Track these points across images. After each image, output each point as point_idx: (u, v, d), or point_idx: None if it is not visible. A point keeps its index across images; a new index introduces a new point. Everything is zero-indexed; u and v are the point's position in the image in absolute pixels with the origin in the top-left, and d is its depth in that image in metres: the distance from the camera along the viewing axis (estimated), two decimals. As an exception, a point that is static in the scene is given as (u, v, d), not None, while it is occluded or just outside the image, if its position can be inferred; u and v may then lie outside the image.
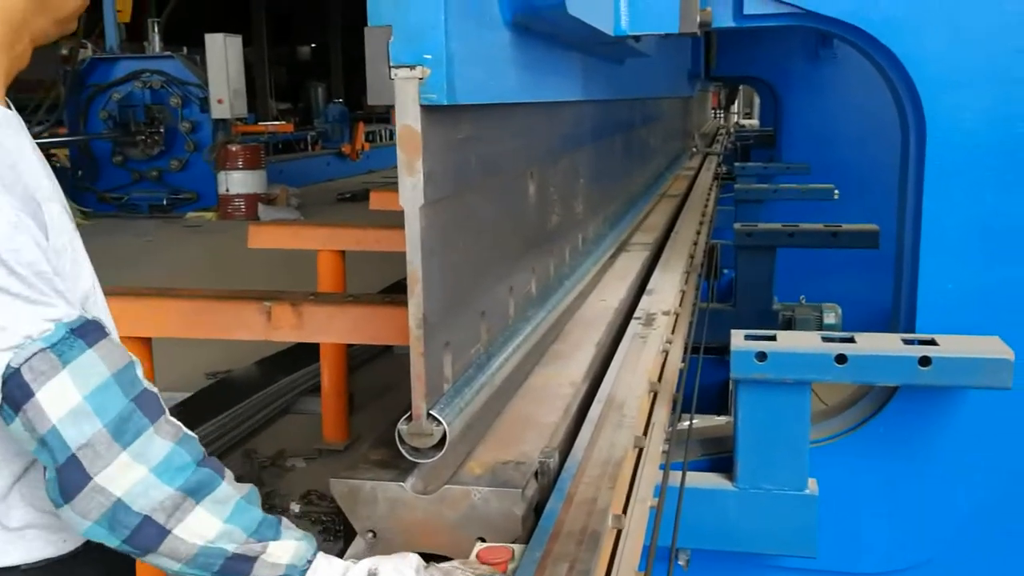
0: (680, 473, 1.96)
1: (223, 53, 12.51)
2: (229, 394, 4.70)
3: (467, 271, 1.44)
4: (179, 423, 1.15)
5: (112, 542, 1.08)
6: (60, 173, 13.63)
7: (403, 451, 1.25)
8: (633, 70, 3.08)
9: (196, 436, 1.15)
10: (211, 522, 1.09)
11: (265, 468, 4.19)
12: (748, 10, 2.07)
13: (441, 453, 1.24)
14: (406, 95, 1.17)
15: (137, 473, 1.07)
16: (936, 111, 1.96)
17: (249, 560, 1.10)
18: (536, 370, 1.79)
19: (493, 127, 1.52)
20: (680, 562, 2.19)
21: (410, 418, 1.25)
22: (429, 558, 1.19)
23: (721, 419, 2.50)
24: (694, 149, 7.79)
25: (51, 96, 13.25)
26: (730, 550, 2.09)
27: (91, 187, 13.78)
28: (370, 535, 1.29)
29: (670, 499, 1.84)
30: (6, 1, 1.19)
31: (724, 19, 2.10)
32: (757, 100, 14.34)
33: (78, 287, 1.23)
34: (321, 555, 1.15)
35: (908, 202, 2.10)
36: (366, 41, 1.18)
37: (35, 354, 1.05)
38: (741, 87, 15.67)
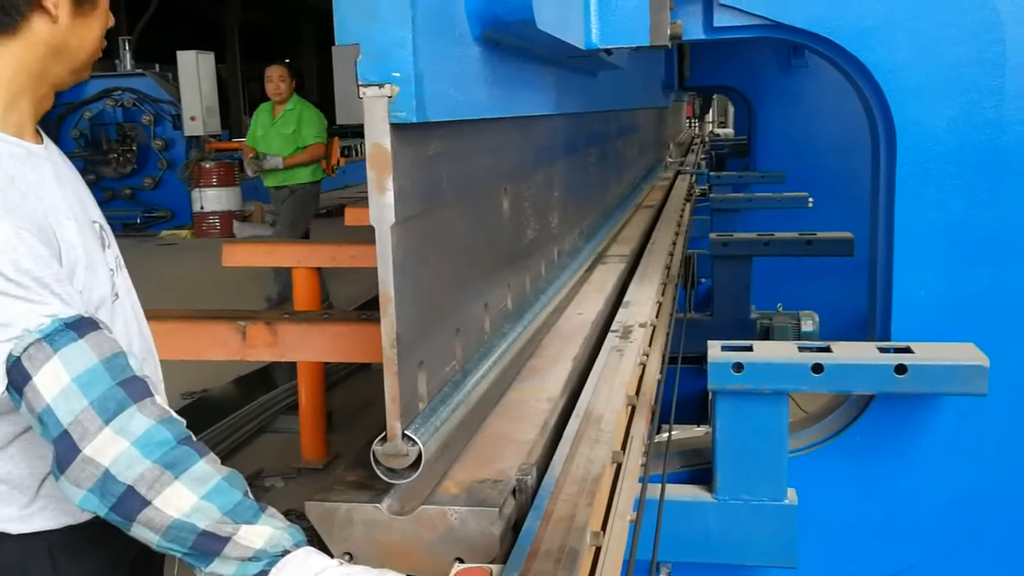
0: (660, 486, 1.96)
1: (195, 70, 12.46)
2: (206, 414, 4.66)
3: (440, 288, 1.43)
4: (167, 408, 1.26)
5: (102, 511, 1.19)
6: (32, 193, 13.54)
7: (379, 472, 1.23)
8: (607, 82, 3.08)
9: (183, 420, 1.26)
10: (187, 497, 1.17)
11: (243, 488, 4.15)
12: (718, 22, 2.08)
13: (417, 473, 1.22)
14: (375, 114, 1.17)
15: (120, 446, 1.18)
16: (905, 120, 1.97)
17: (220, 539, 1.17)
18: (513, 385, 1.78)
19: (465, 143, 1.51)
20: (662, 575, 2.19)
21: (385, 439, 1.24)
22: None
23: (700, 429, 2.51)
24: (669, 159, 7.82)
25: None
26: (711, 562, 2.08)
27: (64, 207, 13.66)
28: (347, 557, 1.28)
29: (650, 513, 1.84)
30: (26, 54, 1.37)
31: (695, 32, 2.11)
32: (732, 109, 14.45)
33: (93, 293, 1.41)
34: (304, 549, 1.18)
35: (880, 210, 2.11)
36: (334, 60, 1.19)
37: (32, 344, 1.21)
38: (715, 97, 15.77)
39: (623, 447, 1.85)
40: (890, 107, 1.98)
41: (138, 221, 13.52)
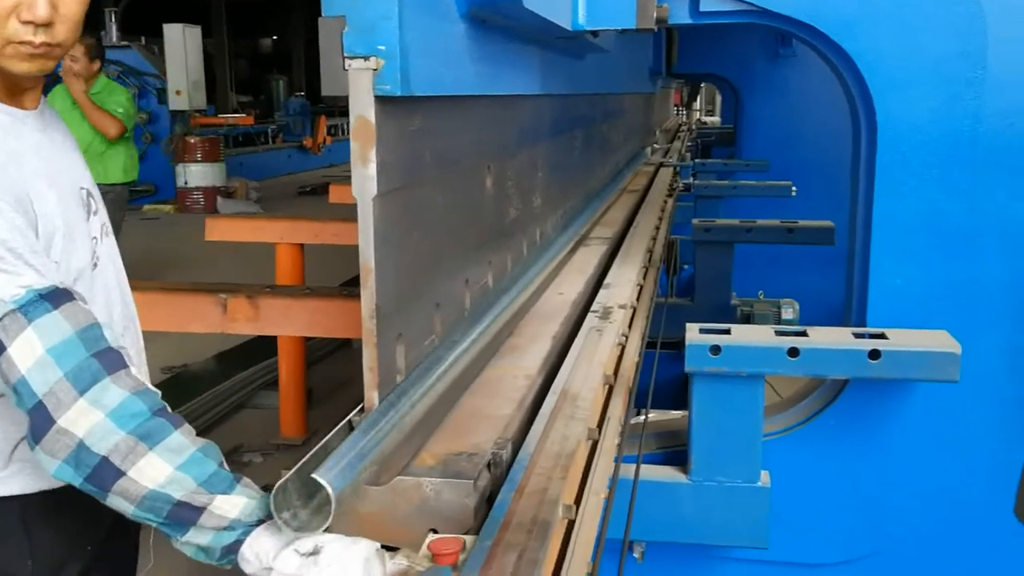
0: (635, 466, 1.98)
1: (182, 44, 12.35)
2: (186, 389, 4.65)
3: (422, 263, 1.44)
4: (142, 379, 1.26)
5: (76, 481, 1.19)
6: (14, 164, 13.39)
7: (278, 519, 1.22)
8: (593, 65, 3.09)
9: (157, 392, 1.26)
10: (162, 468, 1.17)
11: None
12: (705, 7, 2.09)
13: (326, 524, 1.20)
14: (360, 86, 1.18)
15: (95, 416, 1.18)
16: (886, 109, 1.99)
17: (195, 509, 1.17)
18: (492, 362, 1.79)
19: (449, 119, 1.52)
20: (635, 554, 2.21)
21: (363, 410, 1.25)
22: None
23: (677, 413, 2.53)
24: (655, 145, 7.83)
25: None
26: (684, 542, 2.11)
27: (46, 178, 13.55)
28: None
29: (624, 491, 1.86)
30: None
31: (681, 16, 2.12)
32: (719, 98, 14.46)
33: (71, 263, 1.41)
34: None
35: (859, 199, 2.13)
36: (320, 32, 1.18)
37: (6, 315, 1.20)
38: (703, 85, 15.77)
39: (600, 426, 1.88)
40: (872, 97, 2.00)
41: (121, 194, 13.42)
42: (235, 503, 1.17)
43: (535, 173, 2.40)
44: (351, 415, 1.26)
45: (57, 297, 1.24)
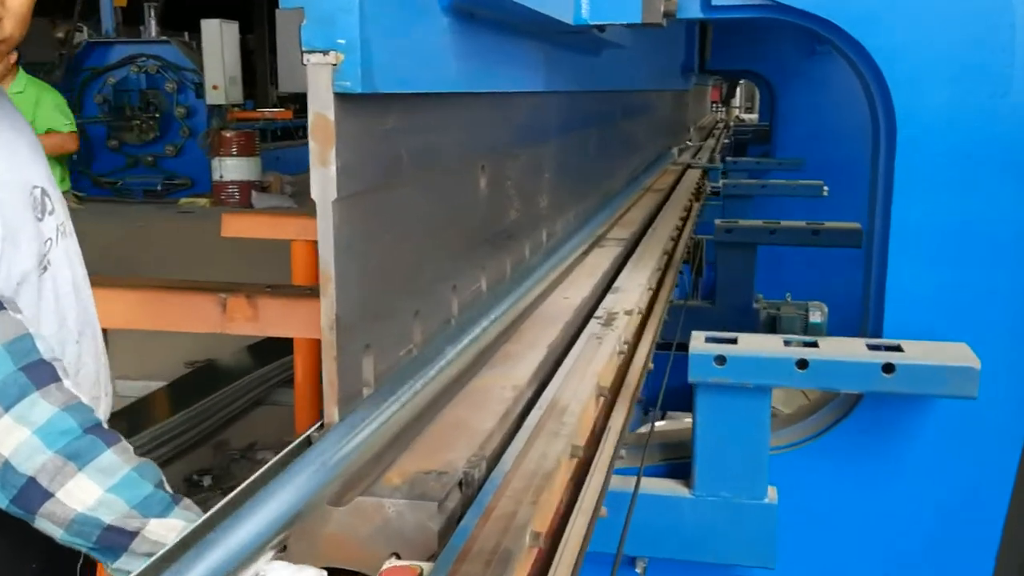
0: (636, 479, 1.90)
1: (219, 39, 12.41)
2: (203, 384, 4.64)
3: (396, 269, 1.37)
4: (75, 393, 1.19)
5: (3, 503, 1.14)
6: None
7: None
8: (611, 61, 3.00)
9: (91, 407, 1.19)
10: (91, 489, 1.12)
11: (235, 460, 4.13)
12: (716, 1, 2.00)
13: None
14: (318, 82, 1.11)
15: (21, 434, 1.12)
16: (906, 107, 1.89)
17: (126, 534, 1.11)
18: (481, 372, 1.71)
19: (430, 118, 1.45)
20: (637, 570, 2.13)
21: (322, 426, 1.18)
22: (341, 573, 1.13)
23: (689, 421, 2.44)
24: (688, 142, 7.71)
25: (51, 79, 13.18)
26: (687, 559, 2.02)
27: (86, 171, 13.69)
28: (281, 547, 1.22)
29: (623, 507, 1.78)
30: None
31: (691, 10, 2.03)
32: (759, 95, 14.25)
33: (13, 268, 1.34)
34: None
35: (878, 201, 2.03)
36: (277, 24, 1.12)
37: None
38: (742, 82, 15.56)
39: (597, 439, 1.79)
40: (891, 93, 1.90)
41: (158, 188, 13.55)
42: (172, 527, 1.11)
43: (541, 173, 2.32)
44: (310, 430, 1.19)
45: None
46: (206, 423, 4.26)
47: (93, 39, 13.72)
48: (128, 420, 4.13)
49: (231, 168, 12.71)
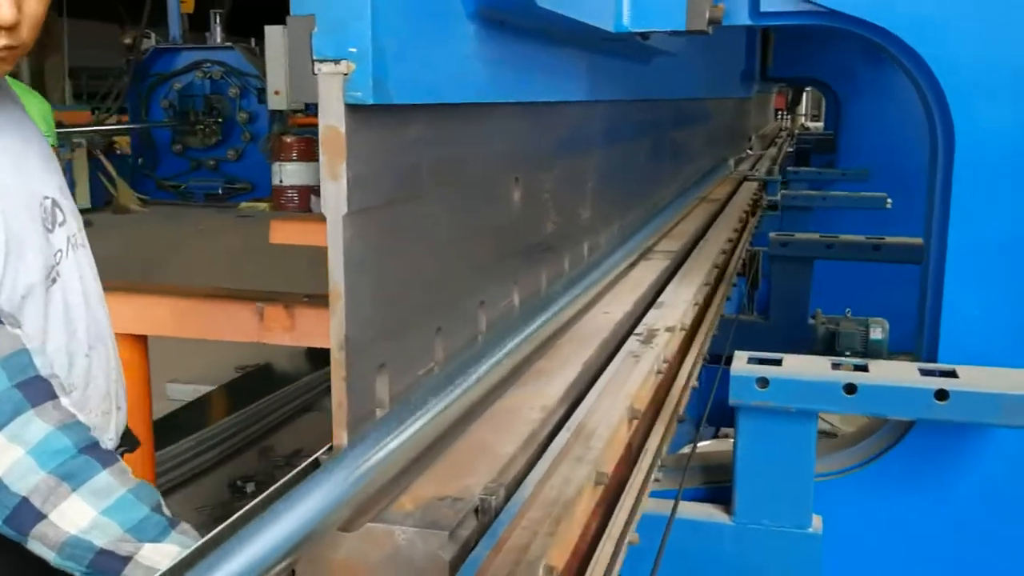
0: (673, 503, 1.83)
1: (282, 45, 12.50)
2: (253, 389, 4.65)
3: (415, 284, 1.32)
4: (71, 411, 1.16)
5: None
6: (122, 160, 13.79)
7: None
8: (662, 69, 2.93)
9: (88, 426, 1.17)
10: (85, 511, 1.09)
11: (279, 467, 4.13)
12: (765, 7, 1.92)
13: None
14: (329, 92, 1.07)
15: (14, 454, 1.10)
16: (965, 119, 1.79)
17: (119, 558, 1.08)
18: (510, 390, 1.65)
19: (455, 128, 1.40)
20: (674, 597, 2.05)
21: (331, 448, 1.14)
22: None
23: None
24: (748, 151, 7.56)
25: (119, 84, 13.46)
26: (726, 588, 1.94)
27: (151, 174, 13.94)
28: (290, 572, 1.18)
29: (658, 532, 1.71)
30: None
31: (739, 16, 1.96)
32: (824, 102, 13.96)
33: (19, 280, 1.31)
34: None
35: (934, 218, 1.93)
36: (288, 32, 1.08)
37: None
38: (808, 89, 15.28)
39: (632, 462, 1.73)
40: (949, 105, 1.80)
41: (219, 192, 13.73)
42: (167, 552, 1.08)
43: (583, 184, 2.26)
44: (319, 453, 1.15)
45: None
46: (252, 428, 4.27)
47: (160, 45, 13.97)
48: (176, 424, 4.15)
49: (291, 173, 12.79)
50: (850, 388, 1.75)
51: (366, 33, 1.05)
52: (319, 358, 5.41)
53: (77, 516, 1.08)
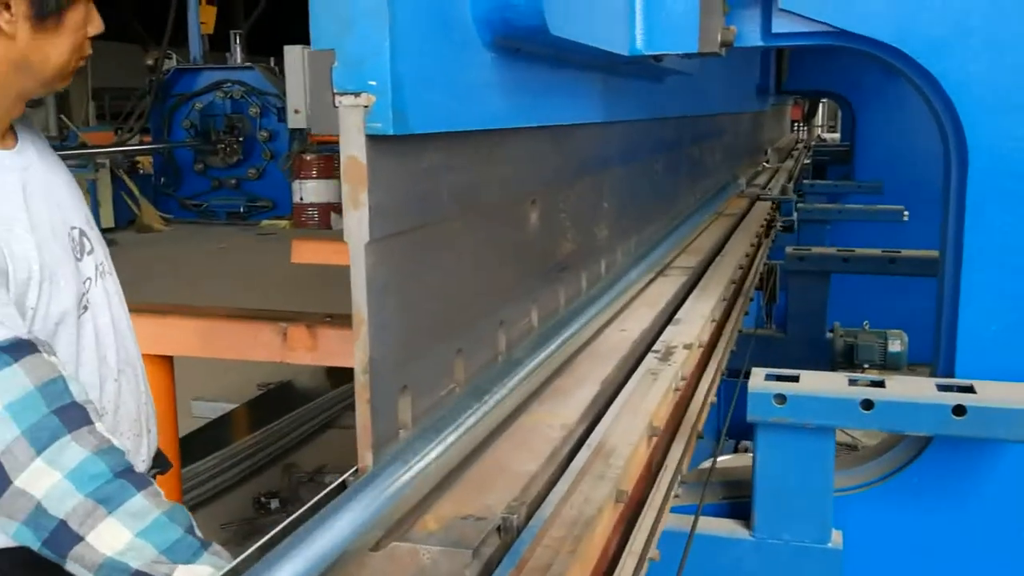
0: (693, 518, 1.84)
1: (301, 64, 12.64)
2: (276, 406, 4.69)
3: (436, 308, 1.35)
4: (107, 436, 1.20)
5: (35, 544, 1.15)
6: (144, 180, 13.92)
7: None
8: (677, 87, 2.95)
9: (123, 451, 1.21)
10: (121, 534, 1.13)
11: (303, 483, 4.16)
12: (777, 28, 1.95)
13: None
14: (350, 124, 1.10)
15: (52, 478, 1.13)
16: (978, 137, 1.81)
17: None
18: (530, 408, 1.68)
19: (474, 155, 1.43)
20: (695, 613, 2.07)
21: (357, 472, 1.17)
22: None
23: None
24: (765, 164, 7.57)
25: (141, 105, 13.63)
26: (746, 604, 1.95)
27: (173, 194, 14.11)
28: (316, 591, 1.21)
29: (679, 548, 1.73)
30: None
31: (751, 38, 1.98)
32: (841, 113, 13.94)
33: (52, 308, 1.36)
34: None
35: (949, 232, 1.94)
36: (309, 66, 1.11)
37: None
38: (823, 100, 15.27)
39: (652, 479, 1.75)
40: (962, 123, 1.82)
41: (241, 210, 13.86)
42: (199, 573, 1.11)
43: (599, 204, 2.28)
44: (347, 475, 1.18)
45: (19, 349, 1.19)
46: (276, 445, 4.31)
47: (181, 66, 14.15)
48: (200, 442, 4.20)
49: (311, 190, 12.93)
50: (867, 404, 1.76)
51: (385, 67, 1.08)
52: (339, 376, 5.45)
53: (113, 538, 1.12)
